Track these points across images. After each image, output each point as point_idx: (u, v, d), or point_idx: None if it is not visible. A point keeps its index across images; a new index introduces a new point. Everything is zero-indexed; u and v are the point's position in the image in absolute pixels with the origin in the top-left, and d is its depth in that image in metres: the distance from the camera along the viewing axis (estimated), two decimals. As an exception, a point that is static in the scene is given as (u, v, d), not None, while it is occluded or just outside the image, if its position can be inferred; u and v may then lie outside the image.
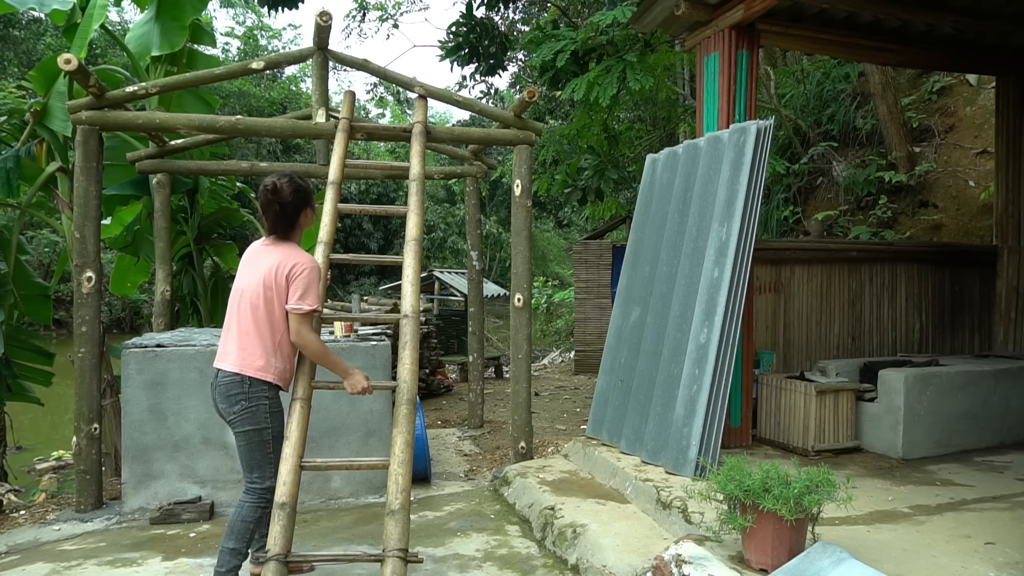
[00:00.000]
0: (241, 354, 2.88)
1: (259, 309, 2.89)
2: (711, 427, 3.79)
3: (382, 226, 26.20)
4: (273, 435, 2.93)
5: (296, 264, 2.90)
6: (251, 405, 2.87)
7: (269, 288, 2.88)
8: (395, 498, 2.83)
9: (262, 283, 2.89)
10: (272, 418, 2.93)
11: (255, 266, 2.96)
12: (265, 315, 2.89)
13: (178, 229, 6.37)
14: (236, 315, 2.94)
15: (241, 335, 2.90)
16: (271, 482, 2.90)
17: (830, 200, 9.25)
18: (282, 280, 2.88)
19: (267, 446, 2.92)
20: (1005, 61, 5.59)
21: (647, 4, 4.78)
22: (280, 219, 2.99)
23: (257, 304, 2.89)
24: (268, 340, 2.90)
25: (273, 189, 2.96)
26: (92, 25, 4.82)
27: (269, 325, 2.90)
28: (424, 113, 4.60)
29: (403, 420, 3.09)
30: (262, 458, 2.92)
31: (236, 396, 2.87)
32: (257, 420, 2.89)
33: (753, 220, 3.93)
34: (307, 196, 3.05)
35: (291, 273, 2.88)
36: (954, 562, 2.72)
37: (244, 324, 2.91)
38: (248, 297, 2.91)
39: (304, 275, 2.89)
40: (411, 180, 4.14)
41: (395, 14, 17.07)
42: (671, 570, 2.63)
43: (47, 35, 20.40)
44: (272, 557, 2.65)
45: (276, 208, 2.97)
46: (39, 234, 17.48)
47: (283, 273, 2.88)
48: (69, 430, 4.74)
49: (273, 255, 2.95)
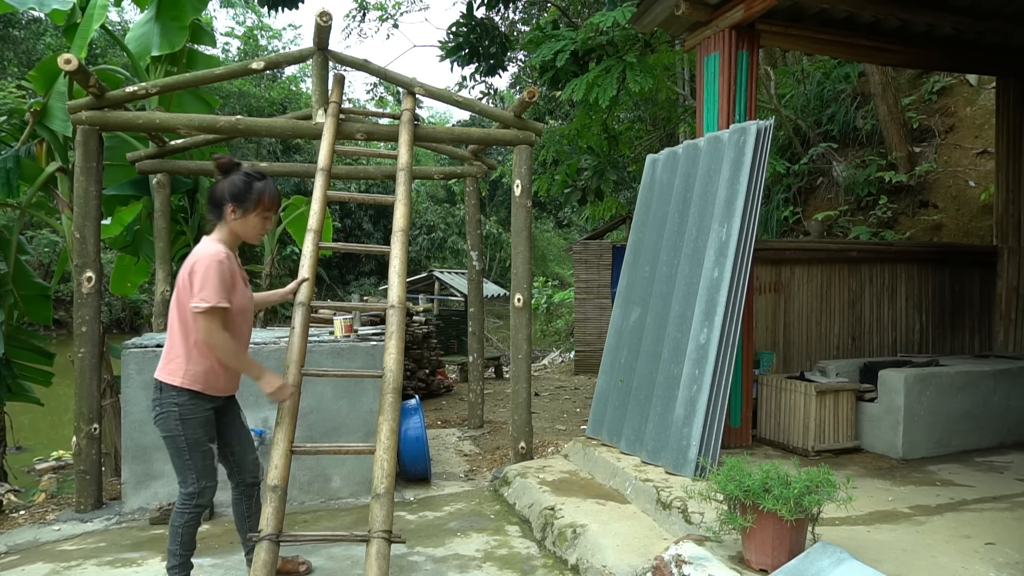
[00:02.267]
0: (162, 358, 2.84)
1: (174, 310, 2.81)
2: (711, 427, 3.79)
3: (382, 226, 26.19)
4: (188, 442, 2.81)
5: (197, 260, 2.73)
6: (162, 412, 2.80)
7: (181, 287, 2.77)
8: (380, 482, 2.90)
9: (178, 281, 2.81)
10: (184, 425, 2.79)
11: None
12: (178, 316, 2.79)
13: (178, 229, 6.36)
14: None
15: (167, 339, 2.85)
16: (194, 487, 2.85)
17: (830, 200, 9.25)
18: (186, 277, 2.74)
19: (183, 453, 2.83)
20: (1005, 61, 5.59)
21: (647, 4, 4.78)
22: (207, 200, 2.90)
23: (173, 305, 2.82)
24: (182, 341, 2.79)
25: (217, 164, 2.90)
26: (92, 25, 4.82)
27: (182, 325, 2.79)
28: (413, 103, 4.62)
29: (388, 408, 3.13)
30: (180, 464, 2.86)
31: (153, 401, 2.83)
32: (168, 427, 2.81)
33: (753, 220, 3.93)
34: (241, 195, 2.84)
35: (192, 269, 2.73)
36: (954, 562, 2.71)
37: (169, 327, 2.85)
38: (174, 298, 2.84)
39: (201, 270, 2.70)
40: (399, 170, 4.16)
41: (395, 14, 17.08)
42: (671, 570, 2.63)
43: (47, 35, 20.39)
44: (264, 537, 2.72)
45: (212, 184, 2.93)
46: (39, 234, 17.48)
47: (186, 270, 2.75)
48: (69, 430, 4.74)
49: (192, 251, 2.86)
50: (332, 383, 4.40)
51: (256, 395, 4.29)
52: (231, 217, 2.85)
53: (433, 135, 4.97)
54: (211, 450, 2.91)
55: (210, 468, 2.91)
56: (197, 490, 2.86)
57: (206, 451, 2.88)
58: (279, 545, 2.76)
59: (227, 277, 2.76)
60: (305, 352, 3.30)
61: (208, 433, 2.89)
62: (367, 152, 4.76)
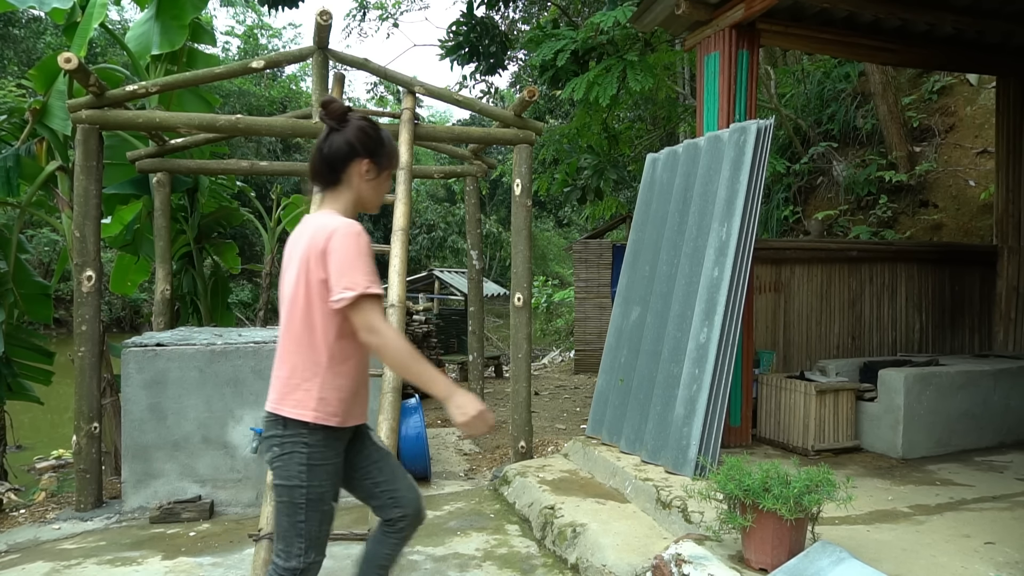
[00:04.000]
0: (278, 383, 2.08)
1: (296, 315, 2.03)
2: (711, 427, 3.79)
3: (382, 225, 26.20)
4: (309, 497, 2.02)
5: (331, 235, 1.95)
6: (283, 453, 2.03)
7: (303, 281, 2.00)
8: None
9: (296, 276, 2.02)
10: (310, 473, 2.01)
11: (291, 253, 2.09)
12: (304, 321, 2.01)
13: (178, 228, 6.37)
14: (282, 327, 2.10)
15: (282, 356, 2.09)
16: (298, 561, 2.03)
17: (830, 200, 9.25)
18: (315, 262, 1.96)
19: (298, 512, 2.02)
20: (1005, 61, 5.58)
21: (647, 4, 4.78)
22: (318, 159, 2.09)
23: (294, 308, 2.03)
24: (310, 356, 2.03)
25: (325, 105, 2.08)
26: (92, 24, 4.82)
27: (308, 333, 2.02)
28: (413, 103, 4.63)
29: (388, 407, 3.13)
30: (289, 527, 2.04)
31: (269, 440, 2.07)
32: (289, 473, 2.02)
33: (753, 220, 3.93)
34: (373, 144, 2.10)
35: (326, 248, 1.95)
36: (954, 562, 2.71)
37: (283, 340, 2.08)
38: (287, 297, 2.06)
39: (340, 247, 1.94)
40: (399, 169, 4.16)
41: (395, 13, 17.07)
42: (671, 569, 2.63)
43: (47, 34, 20.39)
44: (265, 536, 2.70)
45: (322, 137, 2.09)
46: (39, 233, 17.48)
47: (316, 251, 1.96)
48: (69, 429, 4.74)
49: (307, 230, 2.04)
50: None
51: (256, 393, 4.30)
52: (366, 176, 2.10)
53: (433, 134, 4.97)
54: (332, 512, 2.13)
55: (324, 538, 2.11)
56: (302, 566, 2.04)
57: (326, 512, 2.09)
58: None
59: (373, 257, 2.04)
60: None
61: (334, 487, 2.13)
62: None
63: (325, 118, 2.09)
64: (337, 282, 1.92)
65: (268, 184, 18.70)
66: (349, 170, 2.08)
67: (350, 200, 2.12)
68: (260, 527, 2.78)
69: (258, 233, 9.99)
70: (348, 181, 2.09)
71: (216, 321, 6.77)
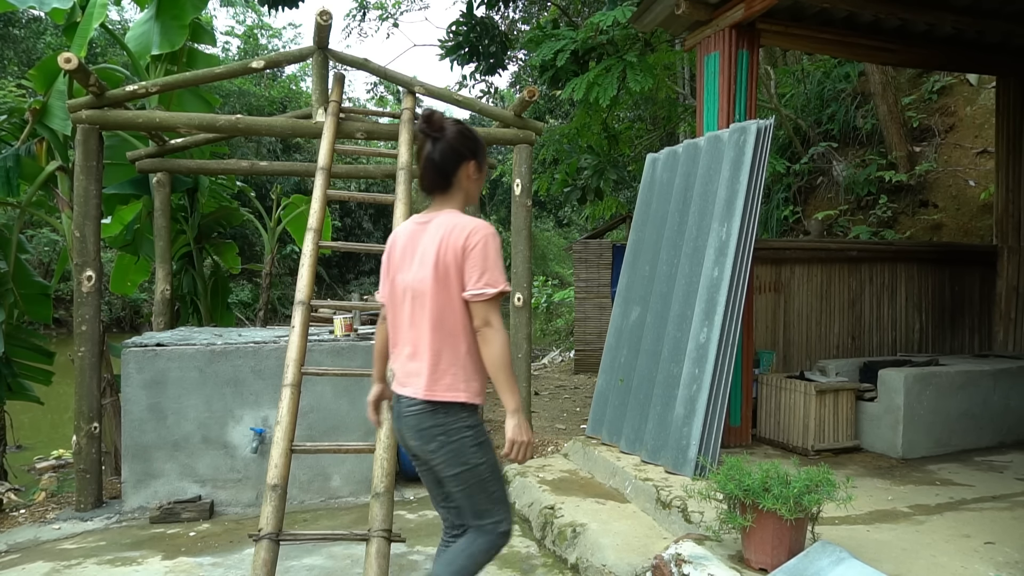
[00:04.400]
0: (427, 373, 2.14)
1: (437, 307, 2.14)
2: (711, 426, 3.79)
3: (382, 225, 26.19)
4: (491, 469, 2.18)
5: (469, 233, 2.11)
6: (451, 441, 2.12)
7: (443, 275, 2.12)
8: (380, 481, 2.91)
9: (433, 270, 2.13)
10: (482, 450, 2.16)
11: (416, 253, 2.21)
12: (447, 313, 2.14)
13: (178, 228, 6.37)
14: (408, 320, 2.20)
15: (422, 346, 2.16)
16: (506, 524, 2.23)
17: (830, 200, 9.25)
18: (453, 259, 2.12)
19: (488, 485, 2.18)
20: (1005, 61, 5.58)
21: (647, 4, 4.78)
22: (433, 170, 2.21)
23: (435, 300, 2.14)
24: (452, 345, 2.15)
25: (427, 118, 2.20)
26: (92, 24, 4.82)
27: (453, 325, 2.15)
28: (413, 102, 4.63)
29: (388, 408, 3.13)
30: (486, 501, 2.20)
31: (432, 430, 2.13)
32: (465, 458, 2.13)
33: (753, 220, 3.93)
34: (474, 145, 2.26)
35: (466, 246, 2.11)
36: (954, 562, 2.72)
37: (423, 331, 2.16)
38: (422, 295, 2.16)
39: (481, 246, 2.11)
40: (399, 168, 4.17)
41: (395, 13, 17.06)
42: (671, 569, 2.63)
43: (47, 34, 20.39)
44: (264, 536, 2.71)
45: (429, 148, 2.20)
46: (39, 233, 17.47)
47: (455, 248, 2.11)
48: (69, 429, 4.74)
49: (433, 229, 2.18)
50: (332, 382, 4.40)
51: (256, 393, 4.30)
52: (473, 176, 2.27)
53: (433, 134, 4.96)
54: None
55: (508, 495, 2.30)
56: (511, 526, 2.26)
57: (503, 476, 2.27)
58: (279, 544, 2.77)
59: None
60: (305, 351, 3.31)
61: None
62: (367, 151, 4.76)
63: (427, 129, 2.20)
64: (479, 278, 2.09)
65: (268, 184, 18.70)
66: (459, 173, 2.23)
67: (461, 200, 2.27)
68: (260, 527, 2.78)
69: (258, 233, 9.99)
70: (459, 183, 2.24)
71: (216, 321, 6.77)
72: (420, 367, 2.16)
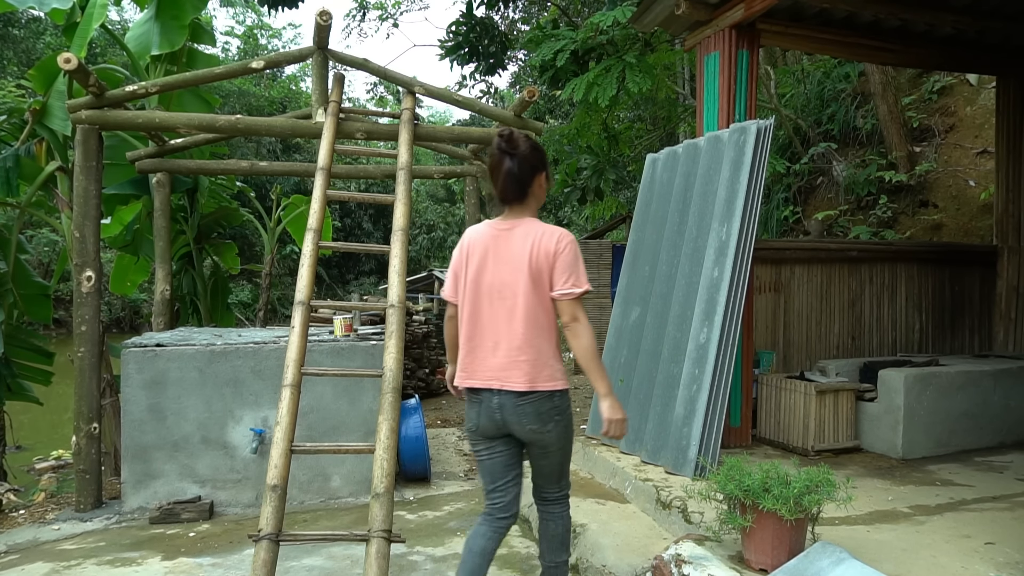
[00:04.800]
0: (536, 367, 2.43)
1: (530, 305, 2.43)
2: (711, 427, 3.79)
3: (382, 225, 26.20)
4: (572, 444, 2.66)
5: (558, 238, 2.43)
6: (562, 420, 2.50)
7: (539, 279, 2.42)
8: (380, 482, 2.90)
9: (528, 277, 2.41)
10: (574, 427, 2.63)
11: (503, 257, 2.47)
12: (539, 311, 2.44)
13: (178, 228, 6.37)
14: (492, 317, 2.47)
15: (515, 341, 2.43)
16: (569, 487, 2.73)
17: (830, 200, 9.25)
18: (545, 261, 2.40)
19: (569, 455, 2.66)
20: (1005, 61, 5.58)
21: (647, 4, 4.78)
22: (512, 182, 2.46)
23: (528, 299, 2.42)
24: (547, 338, 2.47)
25: (508, 138, 2.46)
26: (92, 24, 4.82)
27: (545, 321, 2.46)
28: (413, 103, 4.62)
29: (388, 407, 3.13)
30: (565, 469, 2.66)
31: (548, 414, 2.46)
32: (568, 434, 2.56)
33: (753, 220, 3.93)
34: (543, 157, 2.56)
35: (557, 251, 2.41)
36: (954, 562, 2.71)
37: (515, 327, 2.43)
38: (518, 296, 2.43)
39: (570, 250, 2.42)
40: (399, 169, 4.17)
41: (395, 13, 17.08)
42: (671, 570, 2.63)
43: (47, 34, 20.40)
44: (264, 536, 2.70)
45: (507, 164, 2.45)
46: (39, 233, 17.49)
47: (546, 252, 2.41)
48: (69, 429, 4.74)
49: (520, 234, 2.46)
50: (332, 382, 4.40)
51: (256, 394, 4.30)
52: (544, 186, 2.58)
53: (433, 134, 4.96)
54: None
55: None
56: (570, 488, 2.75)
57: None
58: (279, 544, 2.76)
59: None
60: (305, 351, 3.30)
61: None
62: (367, 151, 4.76)
63: (507, 148, 2.46)
64: (567, 279, 2.40)
65: (268, 184, 18.71)
66: (533, 184, 2.51)
67: (534, 207, 2.56)
68: (260, 527, 2.78)
69: (258, 233, 9.99)
70: (532, 192, 2.52)
71: (216, 321, 6.77)
72: (517, 361, 2.43)
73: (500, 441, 2.54)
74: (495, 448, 2.55)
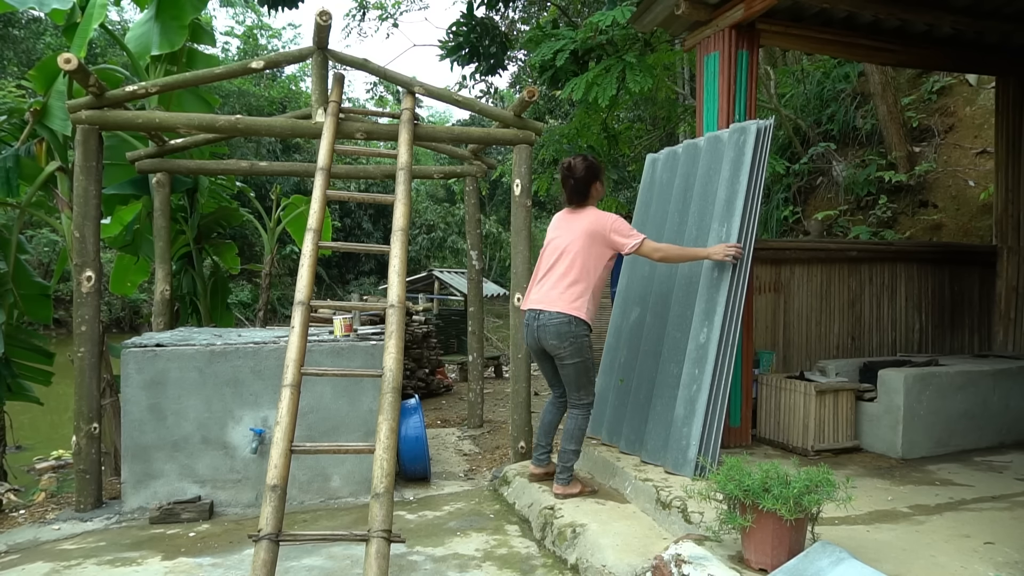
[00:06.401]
0: (566, 299, 3.59)
1: (580, 260, 3.62)
2: (711, 427, 3.79)
3: (382, 225, 26.19)
4: (590, 364, 3.72)
5: (610, 219, 3.72)
6: (576, 340, 3.60)
7: (591, 243, 3.64)
8: (380, 482, 2.90)
9: (583, 239, 3.64)
10: (590, 350, 3.69)
11: (568, 229, 3.74)
12: (586, 265, 3.63)
13: (178, 228, 6.37)
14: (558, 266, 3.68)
15: (565, 283, 3.62)
16: (591, 398, 3.82)
17: (830, 200, 9.25)
18: (603, 233, 3.66)
19: (588, 372, 3.71)
20: (1005, 61, 5.58)
21: (647, 4, 4.78)
22: (575, 192, 3.76)
23: (579, 256, 3.63)
24: (586, 284, 3.62)
25: (568, 167, 3.76)
26: (92, 24, 4.81)
27: (589, 273, 3.63)
28: (412, 103, 4.62)
29: (388, 407, 3.13)
30: (587, 381, 3.74)
31: (566, 334, 3.58)
32: (582, 353, 3.64)
33: (753, 220, 3.93)
34: (597, 171, 3.77)
35: (612, 227, 3.68)
36: (953, 562, 2.71)
37: (568, 273, 3.63)
38: (571, 252, 3.65)
39: (619, 221, 3.72)
40: (399, 169, 4.17)
41: (395, 13, 17.08)
42: (670, 570, 2.63)
43: (47, 34, 20.40)
44: (264, 536, 2.70)
45: (571, 183, 3.75)
46: (39, 233, 17.48)
47: (605, 228, 3.67)
48: (69, 429, 4.74)
49: (582, 218, 3.73)
50: (331, 382, 4.40)
51: (256, 394, 4.30)
52: (600, 189, 3.86)
53: (433, 134, 4.96)
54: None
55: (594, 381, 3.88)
56: (591, 399, 3.83)
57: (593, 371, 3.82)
58: (279, 544, 2.76)
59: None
60: (305, 351, 3.30)
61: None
62: (367, 151, 4.76)
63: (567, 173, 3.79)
64: (627, 238, 3.68)
65: (268, 184, 18.71)
66: (591, 191, 3.81)
67: (593, 203, 3.86)
68: (260, 527, 2.78)
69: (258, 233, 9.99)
70: (591, 195, 3.83)
71: (216, 321, 6.77)
72: (562, 293, 3.62)
73: (541, 356, 3.82)
74: (542, 362, 3.88)
